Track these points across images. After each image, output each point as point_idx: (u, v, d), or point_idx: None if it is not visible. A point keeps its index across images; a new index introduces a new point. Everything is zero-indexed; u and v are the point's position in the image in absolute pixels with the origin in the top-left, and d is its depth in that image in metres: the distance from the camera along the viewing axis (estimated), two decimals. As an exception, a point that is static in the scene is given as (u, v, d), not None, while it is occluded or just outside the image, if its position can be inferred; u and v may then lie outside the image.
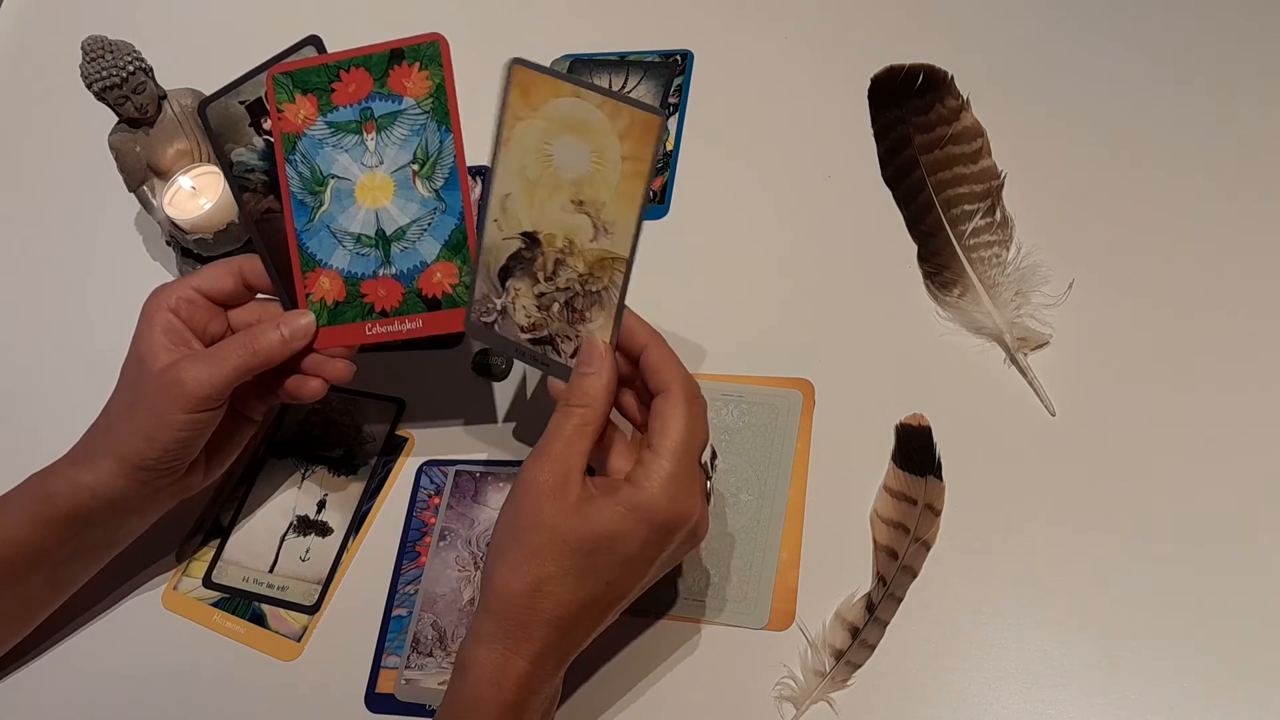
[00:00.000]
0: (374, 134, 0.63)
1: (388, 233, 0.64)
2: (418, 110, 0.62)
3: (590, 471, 0.56)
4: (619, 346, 0.58)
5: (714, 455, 0.58)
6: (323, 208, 0.64)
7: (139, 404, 0.61)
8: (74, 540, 0.62)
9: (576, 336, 0.58)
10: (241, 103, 0.65)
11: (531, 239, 0.58)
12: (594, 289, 0.57)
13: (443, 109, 0.62)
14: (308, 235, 0.64)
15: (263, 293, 0.66)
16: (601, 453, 0.57)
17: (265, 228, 0.65)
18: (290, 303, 0.65)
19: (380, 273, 0.64)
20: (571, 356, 0.59)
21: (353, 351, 0.65)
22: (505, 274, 0.60)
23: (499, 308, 0.60)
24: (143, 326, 0.63)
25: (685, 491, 0.54)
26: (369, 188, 0.63)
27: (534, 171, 0.57)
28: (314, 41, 0.64)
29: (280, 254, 0.65)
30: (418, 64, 0.62)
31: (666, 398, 0.55)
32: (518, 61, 0.56)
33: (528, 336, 0.60)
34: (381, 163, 0.63)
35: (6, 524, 0.61)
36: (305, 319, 0.63)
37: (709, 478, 0.57)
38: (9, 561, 0.61)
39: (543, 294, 0.59)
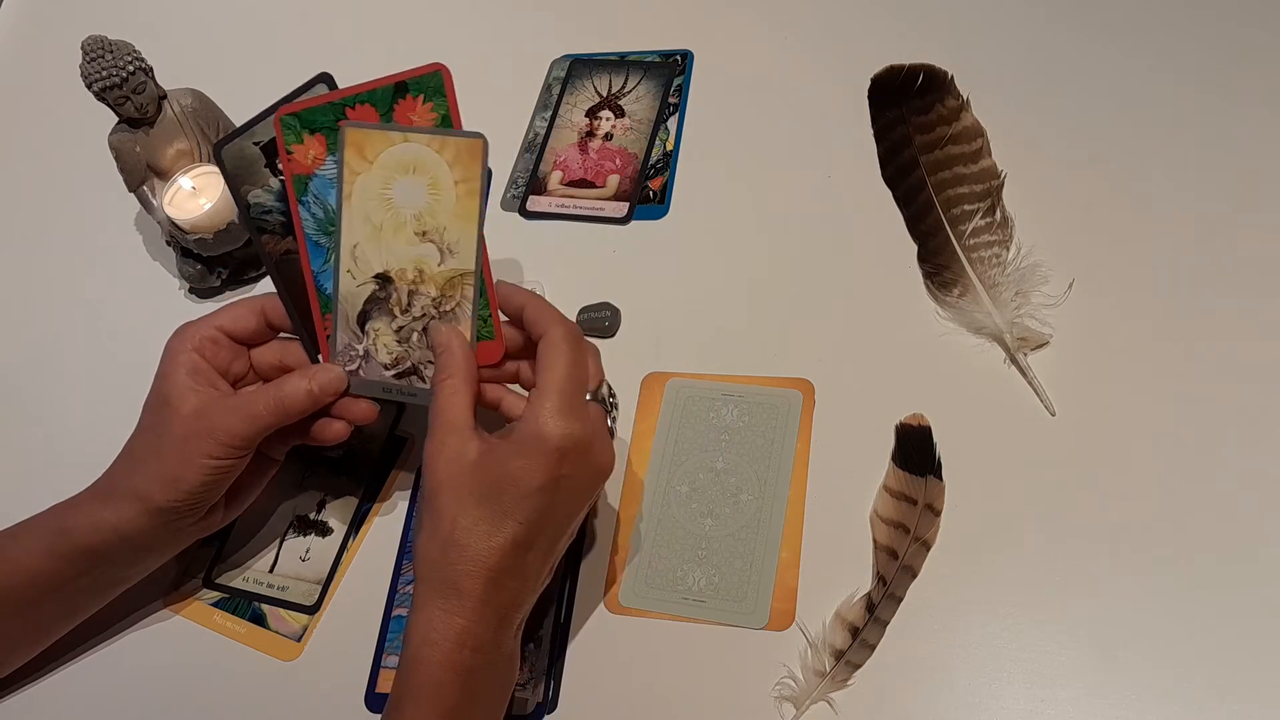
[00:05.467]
0: None
1: None
2: None
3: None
4: (509, 316, 0.61)
5: (610, 392, 0.61)
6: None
7: (165, 447, 0.61)
8: (90, 574, 0.62)
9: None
10: (256, 144, 0.65)
11: (384, 279, 0.62)
12: (448, 308, 0.61)
13: None
14: (325, 276, 0.64)
15: (285, 332, 0.66)
16: (494, 409, 0.62)
17: (285, 269, 0.65)
18: (311, 343, 0.65)
19: None
20: None
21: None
22: (364, 318, 0.63)
23: (361, 352, 0.63)
24: (166, 366, 0.63)
25: (572, 419, 0.56)
26: None
27: (377, 217, 0.61)
28: (325, 79, 0.64)
29: (301, 295, 0.65)
30: (421, 96, 0.62)
31: (545, 340, 0.58)
32: (348, 125, 0.61)
33: (393, 372, 0.63)
34: None
35: (23, 554, 0.61)
36: (334, 374, 0.63)
37: (609, 413, 0.60)
38: (24, 590, 0.61)
39: (401, 327, 0.62)
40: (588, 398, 0.58)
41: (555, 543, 0.57)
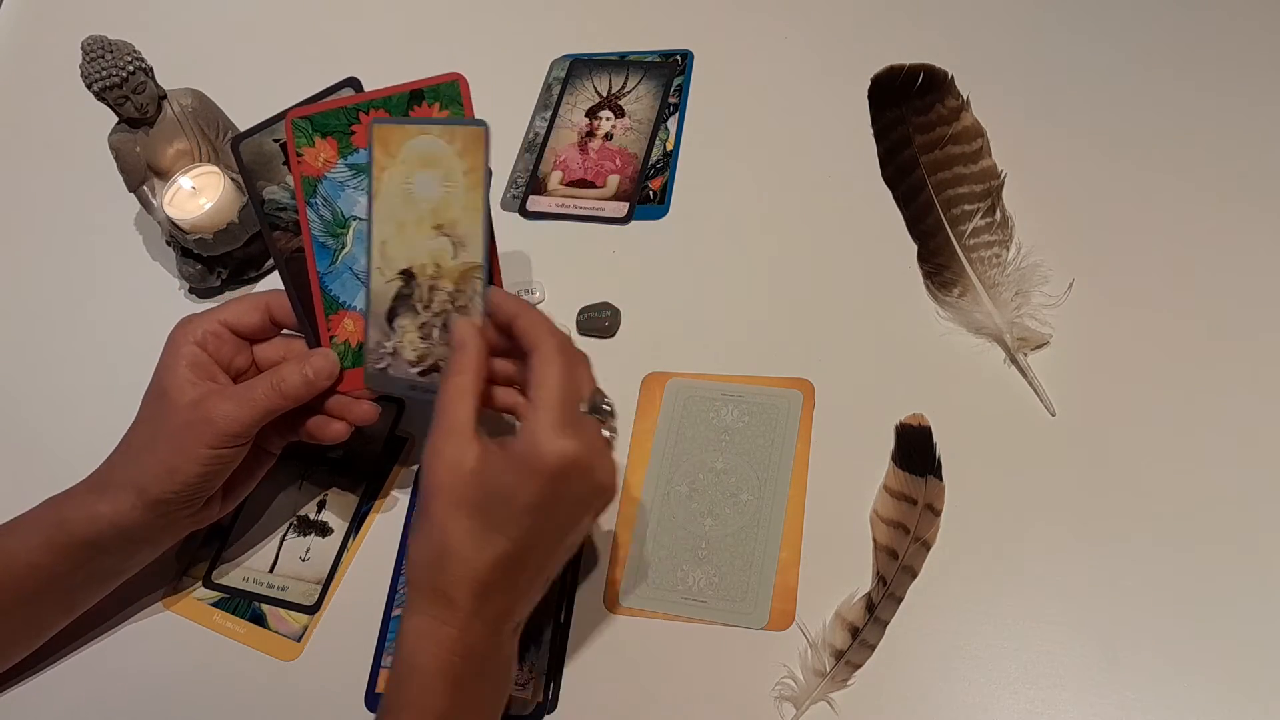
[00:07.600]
0: None
1: None
2: None
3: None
4: (498, 325, 0.59)
5: (605, 399, 0.58)
6: (345, 250, 0.64)
7: (163, 437, 0.61)
8: (86, 567, 0.62)
9: None
10: (276, 140, 0.65)
11: (408, 275, 0.61)
12: (462, 303, 0.60)
13: None
14: (330, 278, 0.64)
15: (288, 329, 0.67)
16: (495, 406, 0.60)
17: (294, 266, 0.65)
18: (315, 342, 0.65)
19: None
20: None
21: (377, 393, 0.65)
22: (392, 315, 0.62)
23: (390, 349, 0.62)
24: (167, 359, 0.63)
25: (569, 436, 0.54)
26: None
27: (401, 213, 0.61)
28: (352, 83, 0.64)
29: (307, 293, 0.65)
30: (438, 104, 0.62)
31: (536, 353, 0.56)
32: (376, 122, 0.61)
33: (418, 370, 0.62)
34: None
35: (20, 548, 0.61)
36: (328, 359, 0.63)
37: (604, 422, 0.58)
38: (21, 583, 0.61)
39: (424, 324, 0.61)
40: (583, 409, 0.56)
41: (550, 559, 0.56)
